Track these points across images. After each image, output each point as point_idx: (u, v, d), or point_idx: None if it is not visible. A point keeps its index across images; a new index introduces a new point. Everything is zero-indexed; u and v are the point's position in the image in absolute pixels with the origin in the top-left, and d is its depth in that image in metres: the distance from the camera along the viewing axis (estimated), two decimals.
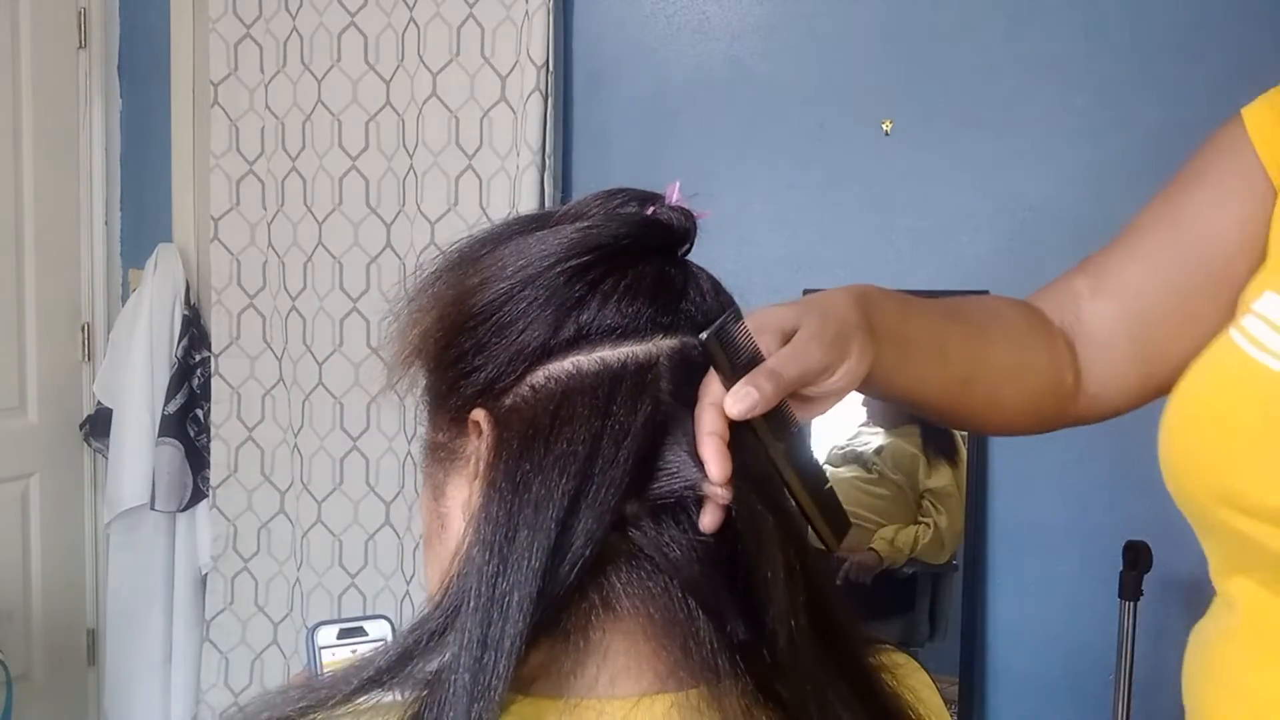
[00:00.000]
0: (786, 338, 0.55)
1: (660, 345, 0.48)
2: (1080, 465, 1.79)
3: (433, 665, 0.44)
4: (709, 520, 0.46)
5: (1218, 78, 1.71)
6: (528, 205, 1.92)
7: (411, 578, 2.07)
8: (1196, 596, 0.72)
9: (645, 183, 0.54)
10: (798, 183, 1.95)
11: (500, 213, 1.96)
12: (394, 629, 0.62)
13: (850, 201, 1.92)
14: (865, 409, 1.93)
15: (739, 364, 0.49)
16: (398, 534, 2.08)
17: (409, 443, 2.06)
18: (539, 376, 0.48)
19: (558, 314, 0.47)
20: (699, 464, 0.46)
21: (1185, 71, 1.74)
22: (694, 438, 0.47)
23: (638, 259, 0.49)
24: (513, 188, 1.94)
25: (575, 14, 2.03)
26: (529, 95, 1.91)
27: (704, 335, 0.48)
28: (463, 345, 0.49)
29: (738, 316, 0.50)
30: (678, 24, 2.00)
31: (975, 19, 1.85)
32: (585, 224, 0.49)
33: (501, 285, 0.48)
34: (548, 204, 1.94)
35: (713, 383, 0.49)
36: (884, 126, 1.89)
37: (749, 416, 0.48)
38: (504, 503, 0.45)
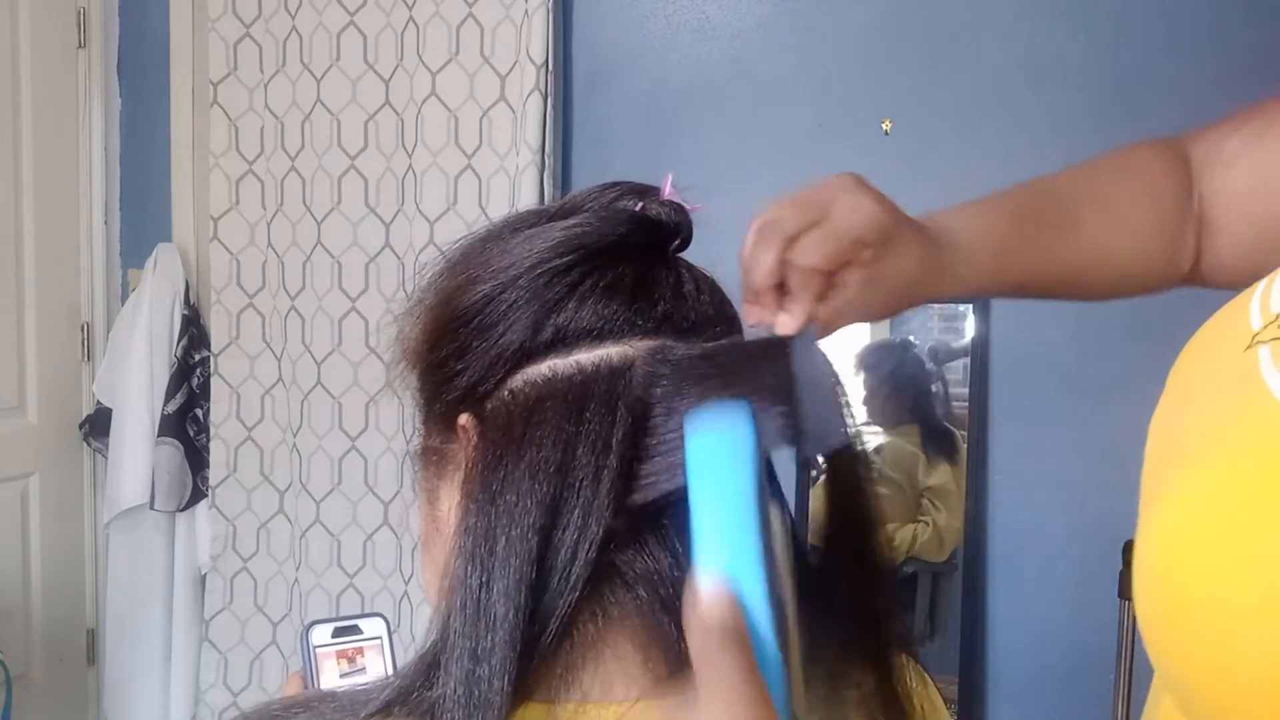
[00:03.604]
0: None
1: (637, 347, 0.47)
2: (1080, 465, 1.79)
3: (438, 690, 0.44)
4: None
5: (1217, 78, 1.71)
6: (527, 205, 1.92)
7: (410, 578, 2.07)
8: None
9: (645, 183, 0.53)
10: (798, 183, 1.94)
11: (500, 212, 1.94)
12: (389, 626, 0.62)
13: None
14: (865, 408, 1.93)
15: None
16: (396, 534, 2.08)
17: (407, 443, 2.04)
18: (517, 381, 0.47)
19: (537, 316, 0.46)
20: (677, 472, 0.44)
21: (1185, 71, 1.74)
22: (669, 444, 0.45)
23: (623, 258, 0.48)
24: (512, 187, 1.94)
25: (575, 14, 2.03)
26: (528, 95, 1.90)
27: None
28: (446, 347, 0.48)
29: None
30: (678, 24, 2.00)
31: (975, 19, 1.85)
32: (573, 222, 0.48)
33: (484, 287, 0.47)
34: (547, 204, 1.94)
35: None
36: (884, 126, 1.89)
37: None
38: (482, 513, 0.44)
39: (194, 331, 2.22)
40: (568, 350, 0.46)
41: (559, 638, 0.44)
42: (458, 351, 0.48)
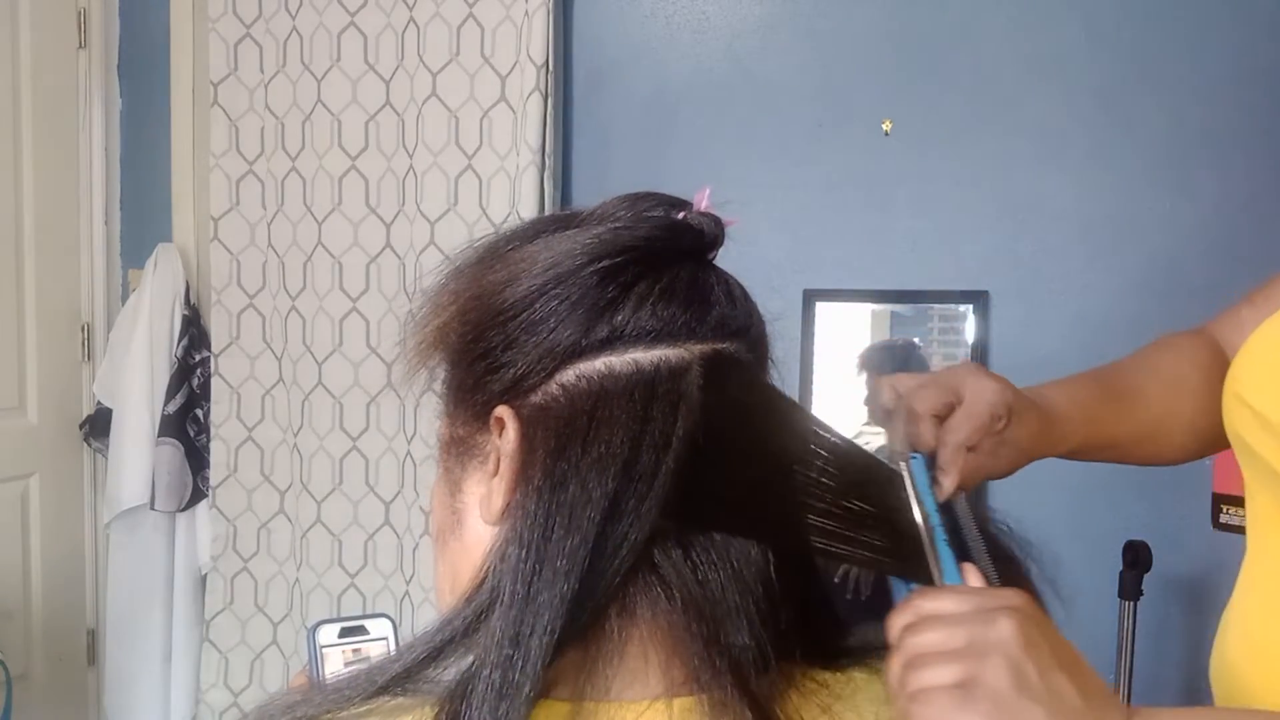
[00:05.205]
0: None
1: (693, 350, 0.48)
2: (1080, 465, 1.79)
3: (462, 664, 0.44)
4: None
5: (1217, 78, 1.71)
6: (527, 205, 1.92)
7: (411, 578, 2.07)
8: (1196, 596, 0.72)
9: (645, 183, 0.54)
10: (798, 183, 1.95)
11: (500, 213, 1.96)
12: (395, 627, 0.62)
13: (850, 201, 1.92)
14: (866, 408, 1.93)
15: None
16: (397, 534, 2.08)
17: (408, 443, 2.05)
18: (569, 375, 0.47)
19: (590, 314, 0.47)
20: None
21: (1185, 72, 1.74)
22: (723, 447, 0.48)
23: (669, 262, 0.49)
24: (512, 188, 1.94)
25: (575, 14, 2.03)
26: (529, 95, 1.91)
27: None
28: (490, 340, 0.49)
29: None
30: (678, 24, 2.00)
31: (975, 19, 1.85)
32: (616, 225, 0.49)
33: (532, 282, 0.48)
34: (548, 205, 1.94)
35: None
36: (884, 126, 1.89)
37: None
38: (541, 501, 0.45)
39: (194, 332, 2.22)
40: (624, 349, 0.47)
41: (588, 634, 0.45)
42: (504, 344, 0.48)
